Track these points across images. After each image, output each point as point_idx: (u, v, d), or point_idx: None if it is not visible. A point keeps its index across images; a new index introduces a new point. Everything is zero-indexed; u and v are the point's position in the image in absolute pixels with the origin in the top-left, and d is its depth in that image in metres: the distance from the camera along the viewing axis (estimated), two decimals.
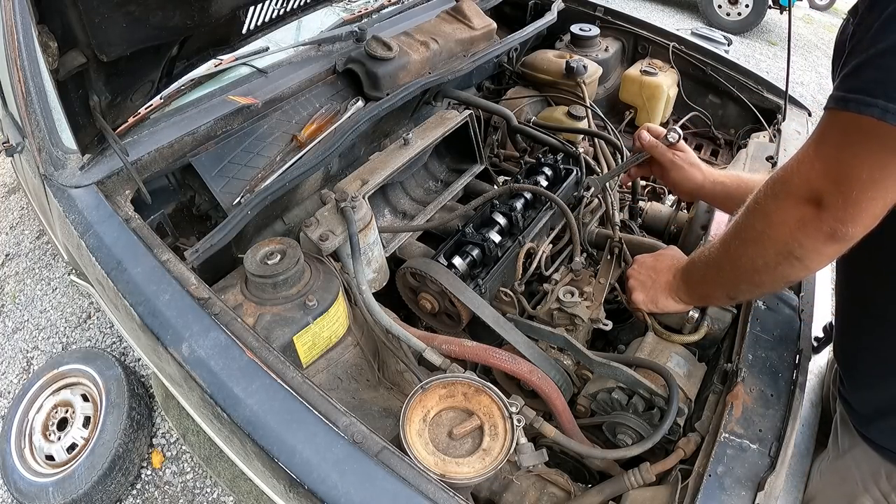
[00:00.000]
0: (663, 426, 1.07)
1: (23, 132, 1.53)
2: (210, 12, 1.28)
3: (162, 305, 1.06)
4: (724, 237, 0.97)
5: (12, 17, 1.46)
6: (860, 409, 0.99)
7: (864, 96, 0.66)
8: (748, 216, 0.89)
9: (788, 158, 0.83)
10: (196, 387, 0.98)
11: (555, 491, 1.10)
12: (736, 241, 0.94)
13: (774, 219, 0.83)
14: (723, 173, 1.29)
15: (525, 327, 1.29)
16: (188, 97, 1.55)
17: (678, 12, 6.65)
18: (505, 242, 1.47)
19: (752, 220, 0.89)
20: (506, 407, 0.98)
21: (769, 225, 0.84)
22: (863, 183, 0.70)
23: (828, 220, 0.75)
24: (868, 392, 0.97)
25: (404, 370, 1.27)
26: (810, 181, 0.76)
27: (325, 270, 1.21)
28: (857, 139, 0.69)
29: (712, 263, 1.03)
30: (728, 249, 0.97)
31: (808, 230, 0.78)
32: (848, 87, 0.69)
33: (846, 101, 0.69)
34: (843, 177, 0.72)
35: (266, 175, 1.49)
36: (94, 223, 1.22)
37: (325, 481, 0.85)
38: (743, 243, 0.92)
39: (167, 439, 2.26)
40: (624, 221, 1.69)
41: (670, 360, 1.18)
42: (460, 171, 1.88)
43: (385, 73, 1.69)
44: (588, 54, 2.26)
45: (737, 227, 0.93)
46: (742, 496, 0.92)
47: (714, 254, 1.01)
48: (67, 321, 2.79)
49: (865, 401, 0.98)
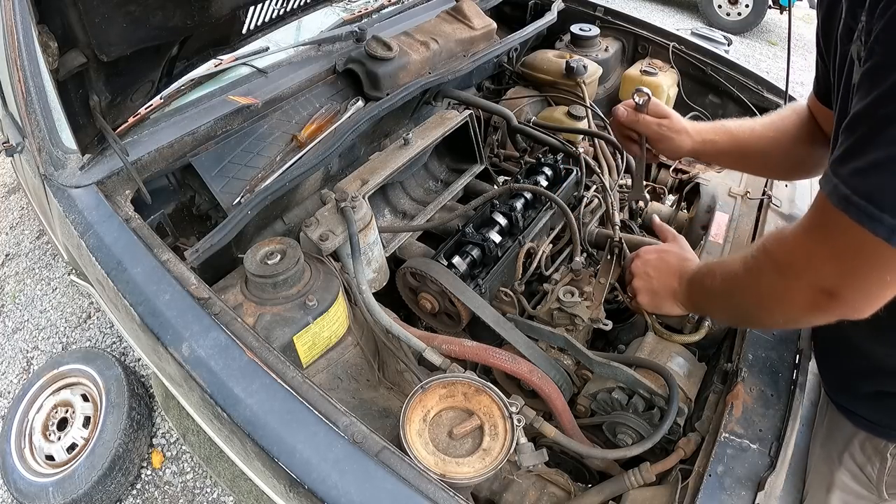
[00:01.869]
0: (663, 426, 1.07)
1: (23, 132, 1.53)
2: (210, 12, 1.28)
3: (162, 305, 1.06)
4: (728, 283, 0.92)
5: (12, 17, 1.46)
6: (830, 375, 0.99)
7: (871, 207, 0.60)
8: (752, 279, 0.85)
9: (785, 228, 0.78)
10: (196, 387, 0.98)
11: (555, 491, 1.10)
12: (739, 296, 0.91)
13: (784, 296, 0.80)
14: (710, 129, 1.22)
15: (525, 327, 1.29)
16: (188, 97, 1.55)
17: (678, 12, 6.65)
18: (505, 242, 1.47)
19: (757, 288, 0.84)
20: (506, 407, 0.98)
21: (777, 301, 0.82)
22: (884, 284, 0.67)
23: (842, 308, 0.72)
24: (834, 357, 0.97)
25: (404, 370, 1.27)
26: (824, 278, 0.71)
27: (325, 270, 1.21)
28: (869, 250, 0.63)
29: (716, 297, 1.00)
30: (731, 298, 0.94)
31: (819, 313, 0.75)
32: (854, 185, 0.62)
33: (848, 203, 0.63)
34: (859, 280, 0.69)
35: (266, 175, 1.49)
36: (94, 223, 1.22)
37: (325, 481, 0.85)
38: (747, 302, 0.90)
39: (167, 439, 2.26)
40: (624, 221, 1.69)
41: (670, 360, 1.18)
42: (460, 171, 1.88)
43: (385, 73, 1.69)
44: (588, 54, 2.26)
45: (740, 283, 0.88)
46: (742, 496, 0.92)
47: (718, 290, 0.96)
48: (67, 321, 2.79)
49: (833, 365, 0.98)
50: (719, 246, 1.45)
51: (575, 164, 1.72)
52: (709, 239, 1.48)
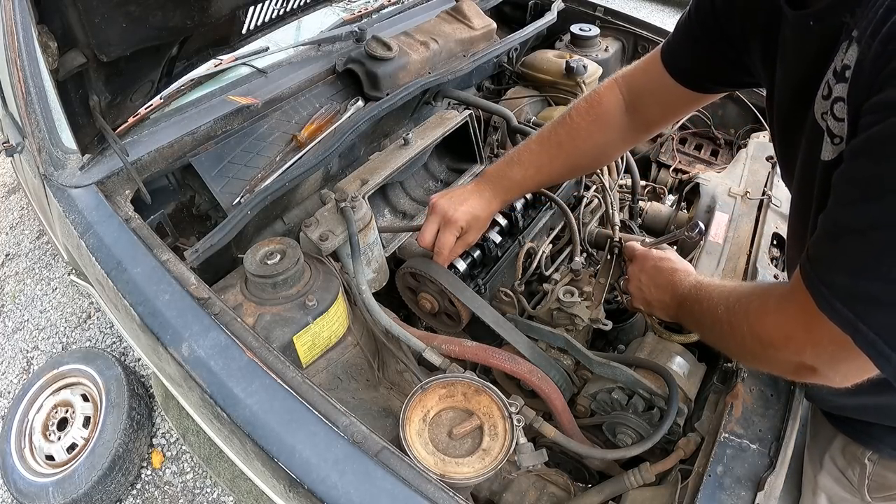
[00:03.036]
0: (663, 426, 1.07)
1: (23, 132, 1.53)
2: (210, 12, 1.28)
3: (162, 305, 1.06)
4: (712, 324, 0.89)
5: (12, 17, 1.46)
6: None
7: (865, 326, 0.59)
8: (734, 336, 0.83)
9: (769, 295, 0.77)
10: (196, 387, 0.98)
11: (555, 491, 1.10)
12: (723, 342, 0.90)
13: (765, 359, 0.81)
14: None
15: (525, 327, 1.29)
16: (188, 97, 1.55)
17: (678, 12, 6.63)
18: (505, 242, 1.47)
19: (740, 346, 0.83)
20: (506, 407, 0.98)
21: (758, 361, 0.84)
22: (864, 373, 0.66)
23: (822, 381, 0.72)
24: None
25: (404, 370, 1.27)
26: (804, 357, 0.71)
27: (325, 270, 1.21)
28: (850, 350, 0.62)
29: (703, 328, 0.98)
30: (716, 337, 0.92)
31: (801, 379, 0.77)
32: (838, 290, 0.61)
33: (832, 309, 0.62)
34: (840, 366, 0.69)
35: (266, 175, 1.49)
36: (94, 223, 1.22)
37: (325, 481, 0.85)
38: (730, 349, 0.91)
39: (167, 439, 2.26)
40: (624, 221, 1.69)
41: (670, 360, 1.18)
42: (460, 171, 1.88)
43: (385, 73, 1.69)
44: (588, 54, 2.25)
45: (724, 333, 0.86)
46: (742, 496, 0.92)
47: (705, 323, 0.93)
48: (67, 321, 2.79)
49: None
50: (719, 246, 1.45)
51: None
52: (708, 239, 1.48)
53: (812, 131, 0.71)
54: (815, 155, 0.70)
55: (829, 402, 1.01)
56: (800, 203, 0.84)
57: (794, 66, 0.77)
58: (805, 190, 0.77)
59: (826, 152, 0.68)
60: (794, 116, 0.78)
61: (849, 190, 0.60)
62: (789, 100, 0.80)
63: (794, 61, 0.77)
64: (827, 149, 0.67)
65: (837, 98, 0.63)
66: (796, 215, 0.88)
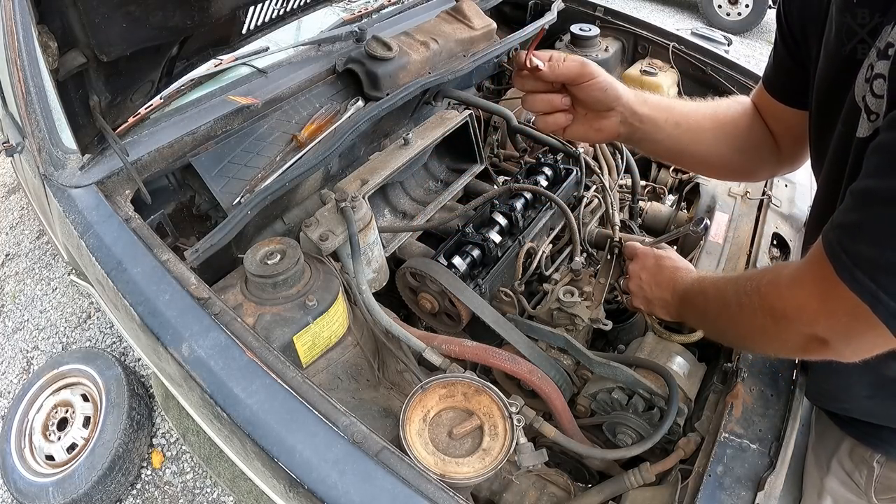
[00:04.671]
0: (663, 426, 1.07)
1: (23, 132, 1.53)
2: (210, 12, 1.28)
3: (162, 305, 1.06)
4: (720, 310, 0.90)
5: (12, 17, 1.46)
6: (812, 380, 1.00)
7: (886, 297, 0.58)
8: (744, 316, 0.83)
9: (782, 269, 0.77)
10: (196, 387, 0.98)
11: (555, 491, 1.10)
12: (731, 326, 0.90)
13: (775, 337, 0.80)
14: (651, 102, 1.01)
15: (525, 327, 1.29)
16: (188, 97, 1.55)
17: (678, 12, 6.65)
18: (505, 242, 1.47)
19: (750, 325, 0.83)
20: (506, 407, 0.98)
21: (768, 339, 0.82)
22: (876, 346, 0.67)
23: (832, 354, 0.72)
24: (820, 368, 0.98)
25: (404, 370, 1.27)
26: (816, 329, 0.71)
27: (325, 270, 1.21)
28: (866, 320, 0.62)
29: (707, 319, 0.99)
30: (723, 324, 0.92)
31: (810, 354, 0.76)
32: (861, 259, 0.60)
33: (853, 278, 0.61)
34: (852, 337, 0.68)
35: (266, 175, 1.49)
36: (94, 223, 1.22)
37: (325, 481, 0.85)
38: (738, 333, 0.90)
39: (167, 439, 2.26)
40: (624, 221, 1.69)
41: (670, 360, 1.18)
42: (460, 171, 1.88)
43: (385, 73, 1.69)
44: (588, 54, 2.25)
45: (732, 316, 0.86)
46: (742, 496, 0.92)
47: (710, 313, 0.95)
48: (67, 321, 2.79)
49: (820, 377, 0.99)
50: (719, 246, 1.45)
51: (575, 164, 1.72)
52: (709, 239, 1.47)
53: (850, 111, 0.70)
54: (850, 133, 0.69)
55: (840, 405, 0.99)
56: (828, 186, 0.82)
57: (835, 47, 0.76)
58: (836, 169, 0.76)
59: (862, 129, 0.67)
60: (833, 98, 0.77)
61: (882, 160, 0.60)
62: (830, 80, 0.79)
63: (836, 43, 0.76)
64: (863, 126, 0.67)
65: (878, 75, 0.63)
66: (823, 200, 0.86)
